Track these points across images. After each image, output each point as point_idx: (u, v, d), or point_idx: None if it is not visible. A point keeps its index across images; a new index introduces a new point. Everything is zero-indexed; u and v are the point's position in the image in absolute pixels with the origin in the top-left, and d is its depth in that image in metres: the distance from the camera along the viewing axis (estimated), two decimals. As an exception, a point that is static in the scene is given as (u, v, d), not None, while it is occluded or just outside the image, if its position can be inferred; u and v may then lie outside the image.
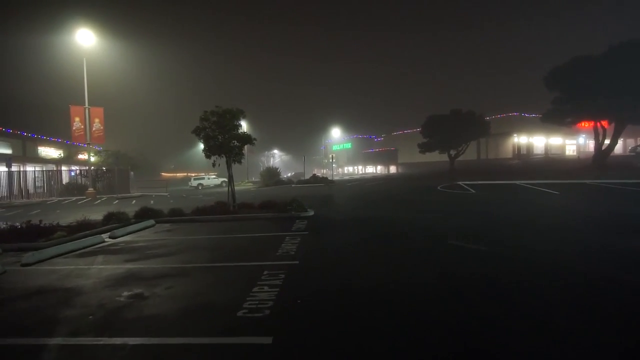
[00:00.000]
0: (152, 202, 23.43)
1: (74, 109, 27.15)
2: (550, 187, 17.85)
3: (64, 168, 39.15)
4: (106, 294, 4.97)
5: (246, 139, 13.26)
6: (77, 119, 27.09)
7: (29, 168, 34.71)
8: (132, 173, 36.09)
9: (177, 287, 5.20)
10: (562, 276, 4.97)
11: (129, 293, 4.96)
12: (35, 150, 37.38)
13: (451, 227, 8.79)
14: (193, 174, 55.08)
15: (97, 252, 7.97)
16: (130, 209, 15.92)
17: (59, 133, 31.80)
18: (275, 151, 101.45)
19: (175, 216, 12.57)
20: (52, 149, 39.72)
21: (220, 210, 12.75)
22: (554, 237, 7.47)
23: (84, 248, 8.32)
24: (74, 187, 31.02)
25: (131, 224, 11.58)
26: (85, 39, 25.99)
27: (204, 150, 12.81)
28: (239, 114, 13.08)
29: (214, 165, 13.46)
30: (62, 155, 40.17)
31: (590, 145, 69.43)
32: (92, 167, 37.65)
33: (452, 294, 4.45)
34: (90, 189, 28.16)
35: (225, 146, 12.74)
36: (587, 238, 7.23)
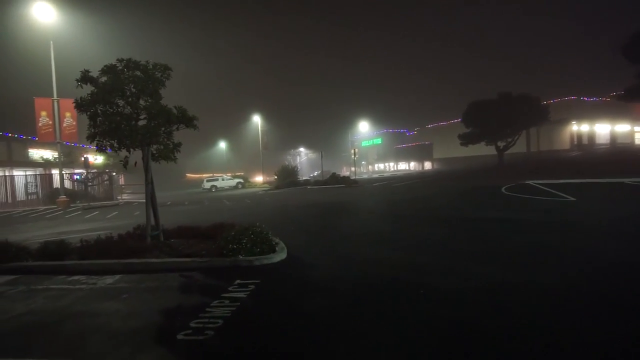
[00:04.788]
0: (116, 213, 18.25)
1: (39, 102, 22.50)
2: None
3: (56, 172, 35.48)
4: None
5: (177, 116, 7.30)
6: (43, 113, 22.44)
7: (18, 172, 31.09)
8: (117, 176, 31.55)
9: None
10: None
11: None
12: (25, 153, 33.77)
13: None
14: (219, 175, 50.25)
15: None
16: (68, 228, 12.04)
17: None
18: (301, 149, 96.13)
19: (40, 259, 6.90)
20: (48, 150, 36.02)
21: (124, 247, 6.92)
22: None
23: None
24: (52, 194, 26.84)
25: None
26: (46, 15, 21.19)
27: (91, 136, 6.99)
28: (154, 70, 7.19)
29: (125, 166, 7.61)
30: (62, 157, 36.38)
31: (667, 132, 59.06)
32: (90, 171, 33.58)
33: None
34: (62, 197, 23.56)
35: (133, 129, 6.86)
36: None
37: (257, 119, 47.82)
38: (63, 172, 34.65)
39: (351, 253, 6.53)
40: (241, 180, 45.06)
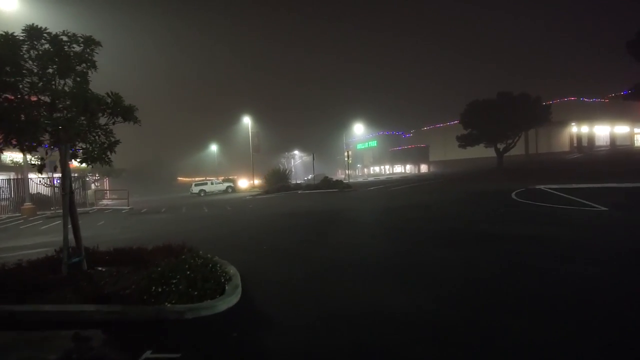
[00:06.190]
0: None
1: (2, 100, 20.51)
2: None
3: (33, 176, 33.29)
4: None
5: (109, 105, 5.45)
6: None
7: (-10, 177, 28.89)
8: (89, 180, 29.32)
9: None
10: None
11: None
12: (-3, 156, 31.50)
13: None
14: (209, 179, 48.40)
15: None
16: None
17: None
18: (296, 152, 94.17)
19: None
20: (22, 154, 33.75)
21: (24, 281, 5.04)
22: None
23: None
24: (21, 201, 24.79)
25: None
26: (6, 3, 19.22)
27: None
28: (71, 43, 5.33)
29: (41, 169, 5.81)
30: (38, 161, 34.09)
31: (666, 133, 57.91)
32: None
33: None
34: (28, 204, 21.54)
35: (32, 120, 4.97)
36: None
37: (247, 121, 45.87)
38: (42, 176, 32.51)
39: (339, 298, 4.51)
40: (231, 185, 43.34)
